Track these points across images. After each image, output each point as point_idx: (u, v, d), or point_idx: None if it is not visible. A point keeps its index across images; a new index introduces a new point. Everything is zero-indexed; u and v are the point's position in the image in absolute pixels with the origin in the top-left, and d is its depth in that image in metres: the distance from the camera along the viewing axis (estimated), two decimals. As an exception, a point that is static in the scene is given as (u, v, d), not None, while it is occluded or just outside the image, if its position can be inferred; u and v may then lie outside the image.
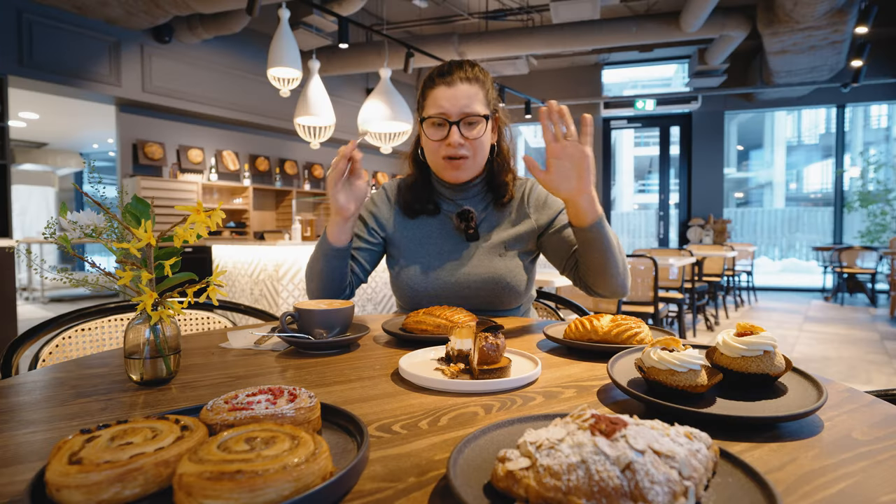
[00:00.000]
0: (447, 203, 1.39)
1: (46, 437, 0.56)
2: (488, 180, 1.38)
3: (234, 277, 4.30)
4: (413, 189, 1.39)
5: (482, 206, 1.38)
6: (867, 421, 0.57)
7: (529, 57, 8.30)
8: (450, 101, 1.25)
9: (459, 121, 1.25)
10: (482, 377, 0.73)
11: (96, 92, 5.89)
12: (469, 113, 1.25)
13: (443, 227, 1.37)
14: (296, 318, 0.96)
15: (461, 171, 1.30)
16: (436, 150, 1.29)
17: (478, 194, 1.38)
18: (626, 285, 1.21)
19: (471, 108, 1.25)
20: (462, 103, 1.24)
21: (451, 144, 1.26)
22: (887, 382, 3.59)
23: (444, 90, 1.26)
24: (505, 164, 1.37)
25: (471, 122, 1.26)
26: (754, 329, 0.68)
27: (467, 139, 1.26)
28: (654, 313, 3.77)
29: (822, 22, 5.82)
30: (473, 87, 1.26)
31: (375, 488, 0.44)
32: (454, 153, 1.27)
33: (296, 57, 4.39)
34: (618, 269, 1.17)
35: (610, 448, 0.37)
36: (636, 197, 15.68)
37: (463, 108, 1.24)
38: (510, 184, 1.36)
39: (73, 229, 0.70)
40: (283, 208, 8.09)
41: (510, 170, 1.38)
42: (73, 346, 1.15)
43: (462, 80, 1.26)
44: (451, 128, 1.25)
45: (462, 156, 1.27)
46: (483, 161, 1.33)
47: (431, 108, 1.28)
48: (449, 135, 1.25)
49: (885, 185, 9.07)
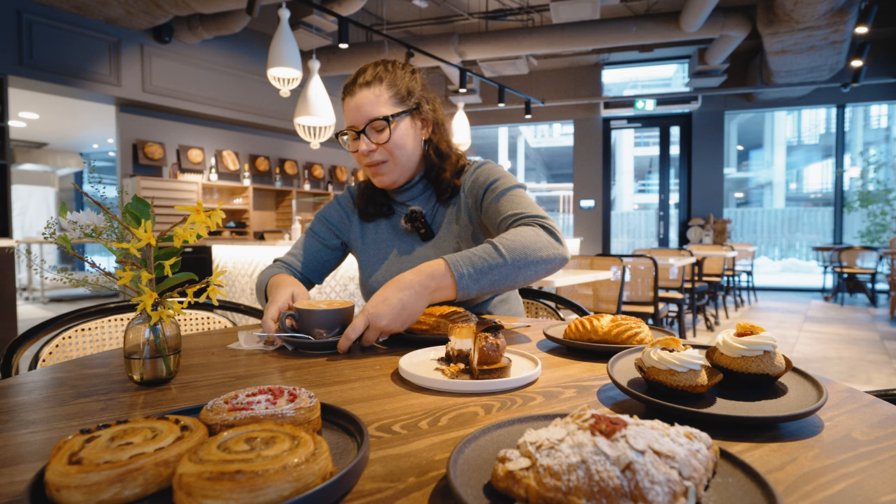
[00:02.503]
0: (399, 206, 1.38)
1: (46, 437, 0.56)
2: (428, 177, 1.33)
3: (234, 277, 4.30)
4: (364, 194, 1.39)
5: (430, 203, 1.35)
6: (867, 421, 0.57)
7: (529, 57, 8.30)
8: (353, 112, 1.23)
9: (364, 129, 1.22)
10: (482, 377, 0.73)
11: (96, 92, 5.89)
12: (372, 117, 1.21)
13: (398, 230, 1.36)
14: (296, 317, 0.96)
15: (384, 177, 1.27)
16: (358, 161, 1.29)
17: (421, 193, 1.35)
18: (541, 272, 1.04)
19: (373, 112, 1.21)
20: (365, 111, 1.21)
21: (363, 154, 1.24)
22: (887, 382, 3.59)
23: (348, 101, 1.24)
24: (441, 158, 1.31)
25: (376, 126, 1.22)
26: (754, 329, 0.68)
27: (378, 144, 1.23)
28: (654, 313, 3.77)
29: (822, 22, 5.82)
30: (375, 89, 1.21)
31: (375, 488, 0.44)
32: (370, 161, 1.25)
33: (296, 57, 4.39)
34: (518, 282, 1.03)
35: (610, 448, 0.37)
36: (636, 197, 15.68)
37: (366, 116, 1.21)
38: (450, 180, 1.30)
39: (73, 229, 0.70)
40: (283, 208, 8.09)
41: (450, 165, 1.31)
42: (73, 346, 1.15)
43: (361, 86, 1.22)
44: (360, 137, 1.23)
45: (378, 161, 1.25)
46: (408, 161, 1.27)
47: (344, 122, 1.27)
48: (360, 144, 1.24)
49: (885, 185, 9.07)
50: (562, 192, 14.06)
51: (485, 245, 1.02)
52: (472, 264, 0.98)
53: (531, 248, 1.02)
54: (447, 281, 0.97)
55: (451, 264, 0.97)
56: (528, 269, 1.02)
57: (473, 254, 1.00)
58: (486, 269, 0.98)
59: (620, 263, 3.38)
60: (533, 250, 1.02)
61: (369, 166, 1.27)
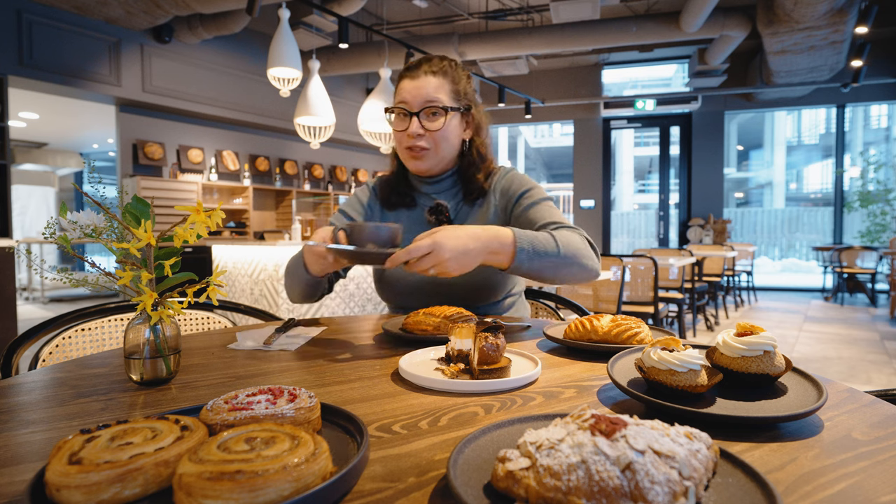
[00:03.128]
0: (423, 198, 1.39)
1: (46, 437, 0.56)
2: (460, 174, 1.37)
3: (234, 277, 4.30)
4: (390, 181, 1.41)
5: (456, 200, 1.37)
6: (867, 421, 0.57)
7: (529, 57, 8.30)
8: (411, 93, 1.25)
9: (420, 111, 1.25)
10: (482, 377, 0.73)
11: (96, 92, 5.89)
12: (430, 102, 1.24)
13: (419, 222, 1.37)
14: (348, 232, 0.98)
15: (420, 162, 1.30)
16: (399, 141, 1.31)
17: (450, 188, 1.38)
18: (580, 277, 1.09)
19: (433, 98, 1.24)
20: (424, 94, 1.24)
21: (409, 135, 1.26)
22: (887, 382, 3.59)
23: (407, 82, 1.27)
24: (477, 160, 1.35)
25: (432, 112, 1.25)
26: (754, 329, 0.68)
27: (428, 131, 1.26)
28: (654, 313, 3.77)
29: (822, 22, 5.82)
30: (439, 79, 1.26)
31: (375, 488, 0.44)
32: (413, 143, 1.27)
33: (296, 57, 4.39)
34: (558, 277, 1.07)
35: (610, 448, 0.37)
36: (636, 197, 15.69)
37: (424, 99, 1.24)
38: (481, 182, 1.34)
39: (73, 229, 0.70)
40: (283, 208, 8.09)
41: (484, 168, 1.35)
42: (73, 346, 1.15)
43: (427, 72, 1.26)
44: (412, 118, 1.25)
45: (421, 147, 1.27)
46: (448, 154, 1.32)
47: (396, 98, 1.29)
48: (409, 125, 1.26)
49: (885, 185, 9.07)
50: (562, 192, 14.06)
51: (544, 233, 1.07)
52: (532, 245, 1.02)
53: (580, 252, 1.08)
54: (508, 249, 1.01)
55: (517, 236, 1.01)
56: (572, 268, 1.07)
57: (535, 236, 1.04)
58: (543, 253, 1.02)
59: (620, 263, 3.38)
60: (581, 255, 1.08)
61: (410, 148, 1.28)
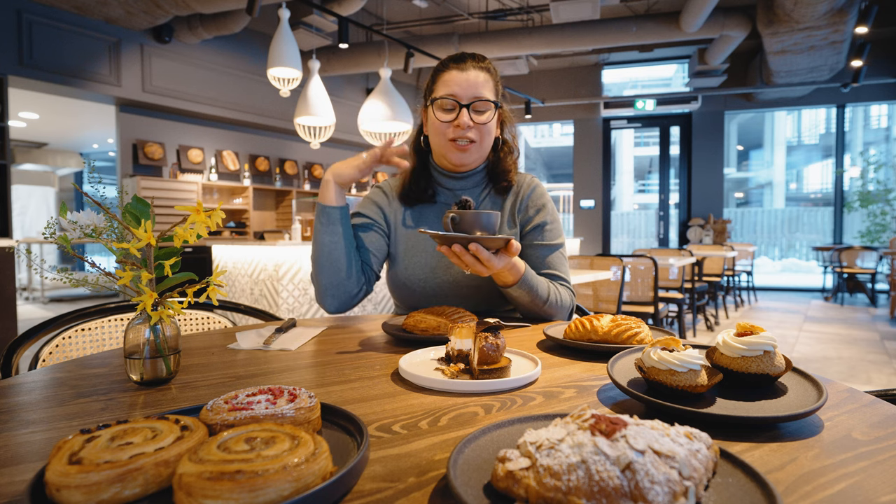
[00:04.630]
0: (445, 193, 1.38)
1: (46, 437, 0.56)
2: (489, 169, 1.38)
3: (234, 277, 4.30)
4: (411, 176, 1.39)
5: (482, 195, 1.38)
6: (867, 421, 0.57)
7: (529, 57, 8.30)
8: (461, 85, 1.25)
9: (469, 104, 1.25)
10: (482, 377, 0.73)
11: (96, 92, 5.89)
12: (480, 97, 1.25)
13: (440, 219, 1.35)
14: (456, 220, 1.04)
15: (466, 155, 1.29)
16: (443, 132, 1.28)
17: (478, 183, 1.38)
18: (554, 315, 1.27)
19: (481, 93, 1.25)
20: (473, 88, 1.25)
21: (459, 126, 1.25)
22: (887, 382, 3.59)
23: (456, 74, 1.26)
24: (507, 153, 1.38)
25: (480, 107, 1.26)
26: (754, 329, 0.68)
27: (476, 123, 1.27)
28: (654, 313, 3.77)
29: (822, 22, 5.82)
30: (486, 74, 1.28)
31: (375, 488, 0.44)
32: (461, 135, 1.27)
33: (296, 57, 4.39)
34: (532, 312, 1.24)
35: (610, 448, 0.37)
36: (636, 197, 15.69)
37: (474, 93, 1.25)
38: (512, 170, 1.37)
39: (73, 229, 0.70)
40: (283, 208, 8.09)
41: (512, 159, 1.39)
42: (73, 346, 1.15)
43: (475, 66, 1.27)
44: (462, 110, 1.25)
45: (470, 139, 1.27)
46: (488, 148, 1.34)
47: (442, 90, 1.27)
48: (458, 117, 1.25)
49: (885, 185, 9.07)
50: (562, 192, 14.06)
51: (547, 281, 1.25)
52: (531, 283, 1.19)
53: (557, 307, 1.26)
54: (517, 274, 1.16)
55: (525, 270, 1.18)
56: (543, 313, 1.25)
57: (538, 280, 1.22)
58: (534, 293, 1.20)
59: (620, 263, 3.38)
60: (557, 309, 1.26)
61: (457, 139, 1.28)
